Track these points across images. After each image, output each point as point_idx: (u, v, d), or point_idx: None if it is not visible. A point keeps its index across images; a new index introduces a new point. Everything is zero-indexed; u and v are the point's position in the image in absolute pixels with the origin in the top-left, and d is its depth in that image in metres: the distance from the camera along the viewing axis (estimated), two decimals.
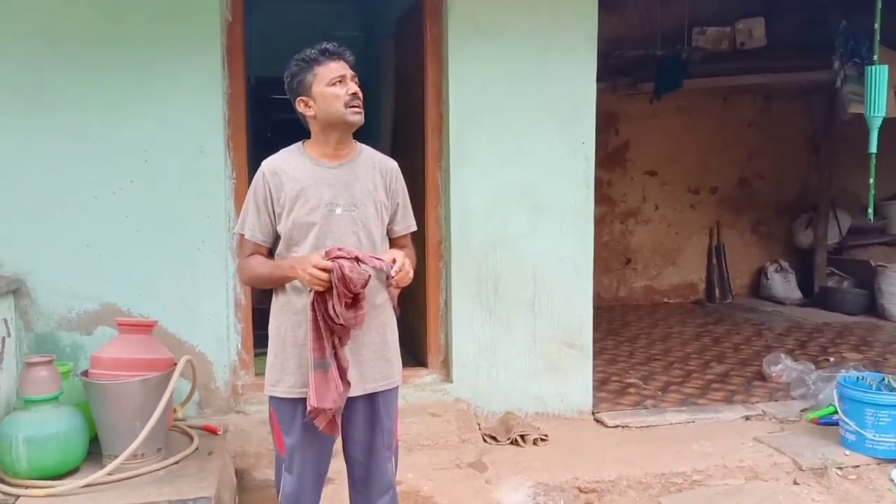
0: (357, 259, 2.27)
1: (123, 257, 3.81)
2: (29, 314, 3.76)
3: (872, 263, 7.68)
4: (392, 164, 2.55)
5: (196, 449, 3.39)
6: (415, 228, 2.62)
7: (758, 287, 8.70)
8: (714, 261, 8.61)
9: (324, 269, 2.20)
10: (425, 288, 4.35)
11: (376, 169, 2.49)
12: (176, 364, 3.30)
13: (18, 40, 3.65)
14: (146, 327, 3.30)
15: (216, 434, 3.65)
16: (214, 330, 3.95)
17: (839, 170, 8.28)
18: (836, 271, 8.20)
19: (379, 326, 2.49)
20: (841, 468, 3.65)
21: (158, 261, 3.85)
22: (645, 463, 3.67)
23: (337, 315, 2.24)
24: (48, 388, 3.08)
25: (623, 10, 7.66)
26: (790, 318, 7.45)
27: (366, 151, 2.53)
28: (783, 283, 8.39)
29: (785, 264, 8.47)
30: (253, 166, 3.50)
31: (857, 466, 3.68)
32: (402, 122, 5.32)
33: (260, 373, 4.24)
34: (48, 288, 3.75)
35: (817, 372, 4.67)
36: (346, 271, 2.20)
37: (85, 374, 3.22)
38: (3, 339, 3.55)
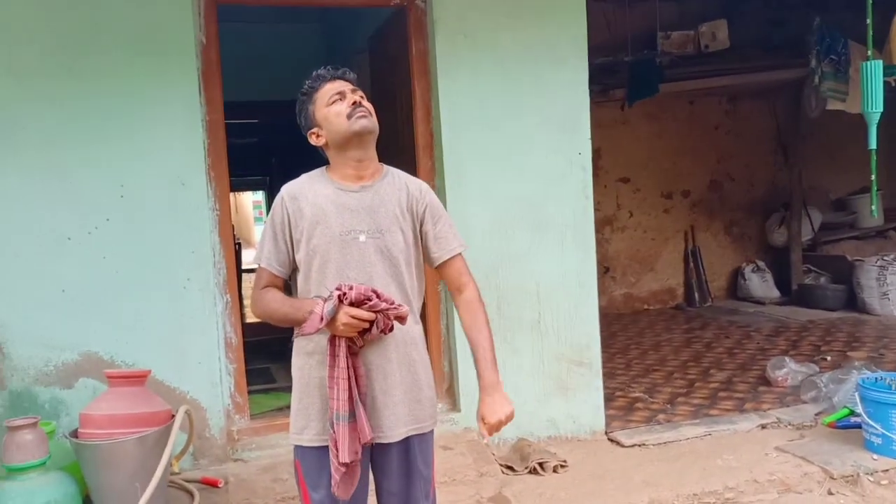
0: (376, 293, 2.07)
1: (103, 301, 3.53)
2: (1, 370, 3.44)
3: (849, 258, 7.73)
4: (420, 185, 2.34)
5: None
6: (458, 251, 2.33)
7: (735, 288, 8.69)
8: (691, 265, 8.57)
9: (362, 319, 2.04)
10: (425, 313, 4.13)
11: (402, 191, 2.28)
12: (173, 416, 3.04)
13: None
14: (139, 378, 3.04)
15: (217, 487, 3.40)
16: (206, 373, 3.68)
17: (807, 167, 8.35)
18: (812, 268, 8.23)
19: (410, 364, 2.27)
20: (872, 474, 3.54)
21: (141, 303, 3.58)
22: (673, 484, 3.50)
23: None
24: (34, 453, 2.80)
25: (588, 16, 7.58)
26: (773, 317, 7.43)
27: (392, 173, 2.32)
28: (761, 283, 8.39)
29: (761, 264, 8.49)
30: None
31: (888, 471, 3.57)
32: (384, 142, 5.10)
33: (255, 414, 4.00)
34: (22, 340, 3.45)
35: (828, 374, 4.57)
36: (389, 320, 2.08)
37: (74, 433, 2.94)
38: None
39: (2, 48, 3.39)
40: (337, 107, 2.19)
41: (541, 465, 3.73)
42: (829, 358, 5.54)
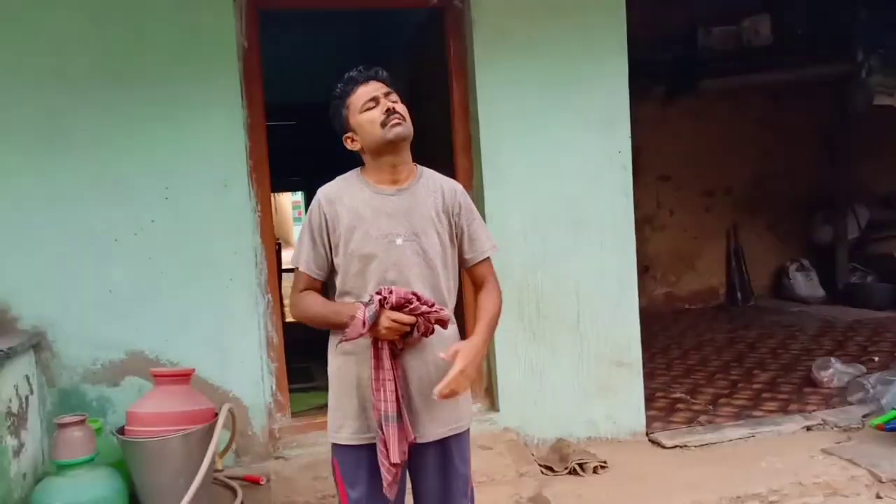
0: (416, 296, 2.10)
1: (149, 301, 3.61)
2: (51, 368, 3.53)
3: None
4: (454, 186, 2.35)
5: (241, 503, 3.18)
6: (489, 254, 2.37)
7: (778, 287, 8.52)
8: (733, 264, 8.44)
9: (404, 323, 2.07)
10: (463, 313, 4.14)
11: (437, 193, 2.29)
12: (216, 414, 3.10)
13: (31, 83, 3.47)
14: (183, 377, 3.10)
15: (259, 484, 3.46)
16: (248, 372, 3.74)
17: (853, 163, 8.16)
18: (858, 266, 8.04)
19: (446, 364, 2.28)
20: None
21: (186, 303, 3.65)
22: (716, 486, 3.46)
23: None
24: (82, 449, 2.88)
25: (627, 13, 7.51)
26: (819, 317, 7.28)
27: (426, 174, 2.33)
28: (805, 282, 8.22)
29: (806, 263, 8.31)
30: None
31: None
32: (421, 143, 5.12)
33: (296, 412, 4.05)
34: (70, 339, 3.54)
35: (876, 375, 4.47)
36: (430, 323, 2.12)
37: (121, 430, 3.01)
38: (26, 397, 3.33)
39: (55, 57, 3.48)
40: (370, 114, 2.20)
41: (580, 465, 3.71)
42: (876, 358, 5.42)
